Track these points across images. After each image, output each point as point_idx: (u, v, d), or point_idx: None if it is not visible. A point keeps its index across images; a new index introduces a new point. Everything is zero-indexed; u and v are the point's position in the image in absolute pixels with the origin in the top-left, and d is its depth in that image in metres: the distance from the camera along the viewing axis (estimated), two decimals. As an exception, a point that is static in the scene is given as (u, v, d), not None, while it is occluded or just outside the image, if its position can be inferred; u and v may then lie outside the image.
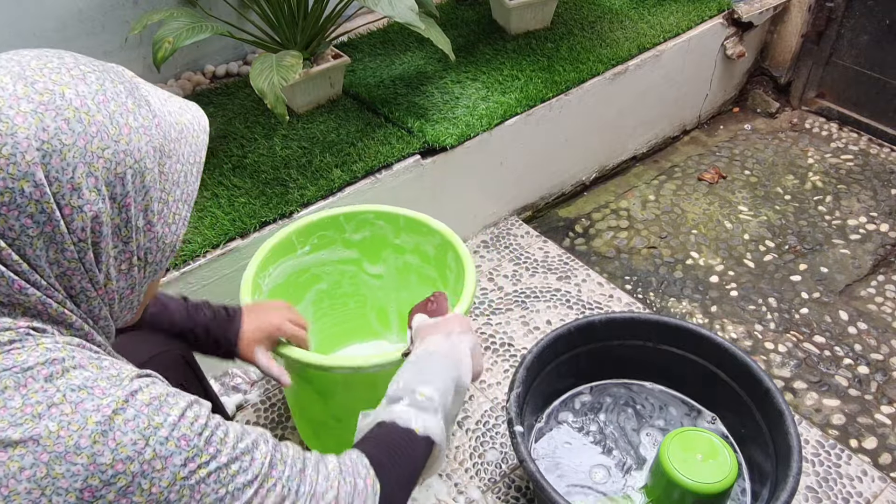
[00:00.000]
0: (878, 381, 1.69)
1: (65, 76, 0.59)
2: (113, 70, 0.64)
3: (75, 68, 0.60)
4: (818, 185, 2.27)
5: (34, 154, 0.55)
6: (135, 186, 0.62)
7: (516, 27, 2.12)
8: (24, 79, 0.57)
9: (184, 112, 0.69)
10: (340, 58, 1.83)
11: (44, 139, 0.56)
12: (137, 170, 0.61)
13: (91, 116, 0.59)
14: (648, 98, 2.22)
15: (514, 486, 1.44)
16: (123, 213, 0.62)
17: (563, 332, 1.43)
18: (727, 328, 1.82)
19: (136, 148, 0.61)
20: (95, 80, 0.61)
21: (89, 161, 0.58)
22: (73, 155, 0.57)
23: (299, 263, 1.43)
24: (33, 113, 0.56)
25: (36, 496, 0.53)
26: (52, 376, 0.56)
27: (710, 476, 1.24)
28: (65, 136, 0.57)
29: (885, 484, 1.44)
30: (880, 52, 2.33)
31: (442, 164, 1.78)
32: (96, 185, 0.59)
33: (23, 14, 1.66)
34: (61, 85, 0.58)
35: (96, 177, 0.59)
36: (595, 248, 2.07)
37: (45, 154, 0.56)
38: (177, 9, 1.64)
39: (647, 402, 1.53)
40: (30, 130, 0.55)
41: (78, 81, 0.59)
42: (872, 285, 1.93)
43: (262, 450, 0.65)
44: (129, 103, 0.62)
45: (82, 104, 0.58)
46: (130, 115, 0.61)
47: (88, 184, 0.58)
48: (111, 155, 0.59)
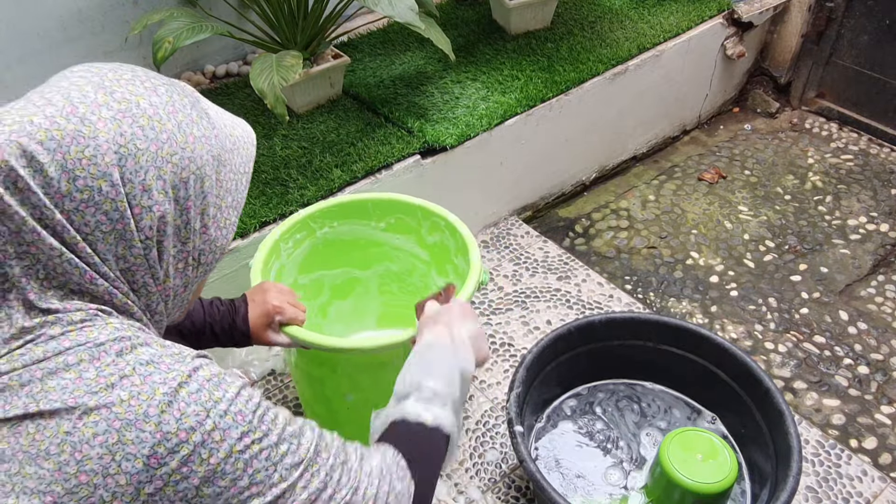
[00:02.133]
0: (878, 381, 1.69)
1: (139, 87, 0.64)
2: (178, 84, 0.69)
3: (147, 81, 0.66)
4: (818, 185, 2.27)
5: (112, 156, 0.60)
6: (195, 191, 0.67)
7: (516, 27, 2.12)
8: (104, 88, 0.62)
9: (235, 126, 0.74)
10: (340, 58, 1.83)
11: (121, 143, 0.61)
12: (199, 175, 0.67)
13: (162, 125, 0.64)
14: (648, 98, 2.22)
15: (514, 486, 1.44)
16: (185, 215, 0.66)
17: (563, 332, 1.43)
18: (727, 328, 1.82)
19: (198, 155, 0.66)
20: (165, 93, 0.66)
21: (159, 165, 0.63)
22: (146, 159, 0.62)
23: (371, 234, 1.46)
24: (112, 119, 0.61)
25: (107, 461, 0.57)
26: (122, 351, 0.61)
27: (710, 476, 1.24)
28: (139, 141, 0.62)
29: (885, 484, 1.44)
30: (880, 52, 2.33)
31: (442, 164, 1.78)
32: (164, 187, 0.64)
33: (23, 14, 1.66)
34: (137, 95, 0.64)
35: (164, 180, 0.64)
36: (595, 248, 2.07)
37: (122, 157, 0.61)
38: (177, 9, 1.64)
39: (648, 402, 1.53)
40: (109, 135, 0.60)
41: (150, 93, 0.65)
42: (872, 285, 1.93)
43: (307, 436, 0.68)
44: (194, 114, 0.67)
45: (155, 113, 0.64)
46: (195, 126, 0.67)
47: (157, 186, 0.63)
48: (178, 160, 0.65)
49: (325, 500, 0.67)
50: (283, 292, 1.16)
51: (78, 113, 0.60)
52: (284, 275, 1.41)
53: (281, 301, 1.13)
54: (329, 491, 0.67)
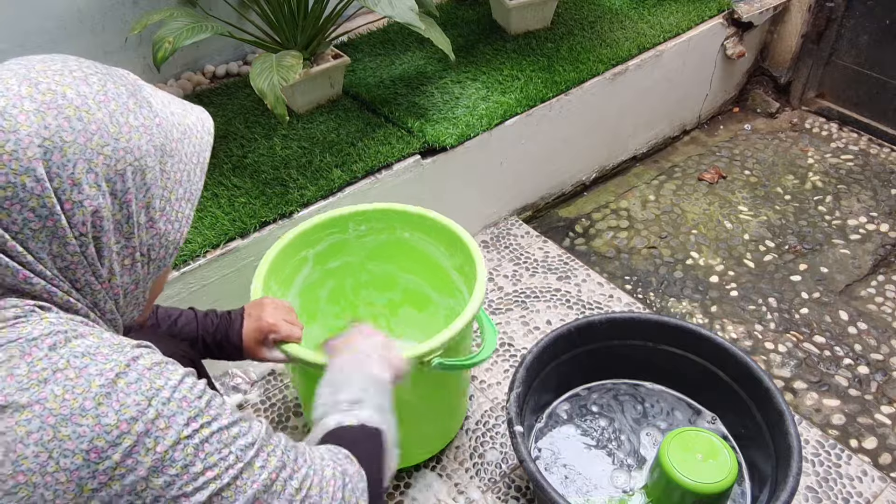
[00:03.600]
0: (878, 381, 1.69)
1: (67, 78, 0.61)
2: (117, 73, 0.66)
3: (78, 70, 0.63)
4: (818, 185, 2.27)
5: (35, 150, 0.58)
6: (135, 183, 0.63)
7: (516, 27, 2.12)
8: (29, 80, 0.60)
9: (187, 114, 0.71)
10: (340, 58, 1.83)
11: (45, 136, 0.58)
12: (138, 167, 0.63)
13: (91, 115, 0.61)
14: (648, 98, 2.22)
15: (514, 486, 1.44)
16: (125, 208, 0.63)
17: (563, 332, 1.43)
18: (727, 328, 1.82)
19: (136, 146, 0.63)
20: (97, 82, 0.63)
21: (89, 157, 0.60)
22: (74, 151, 0.59)
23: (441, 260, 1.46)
24: (36, 112, 0.58)
25: (44, 459, 0.55)
26: (55, 345, 0.59)
27: (710, 476, 1.24)
28: (65, 133, 0.59)
29: (885, 484, 1.44)
30: (880, 52, 2.33)
31: (442, 164, 1.78)
32: (96, 180, 0.61)
33: (23, 14, 1.66)
34: (63, 86, 0.61)
35: (96, 173, 0.61)
36: (595, 248, 2.07)
37: (46, 150, 0.58)
38: (177, 9, 1.63)
39: (652, 403, 1.53)
40: (32, 128, 0.58)
41: (80, 83, 0.62)
42: (872, 285, 1.93)
43: (256, 423, 0.67)
44: (131, 103, 0.64)
45: (83, 103, 0.61)
46: (131, 115, 0.64)
47: (88, 179, 0.60)
48: (111, 152, 0.61)
49: (284, 479, 0.65)
50: (280, 308, 1.14)
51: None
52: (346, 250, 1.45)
53: (276, 318, 1.11)
54: (288, 470, 0.66)
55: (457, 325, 1.17)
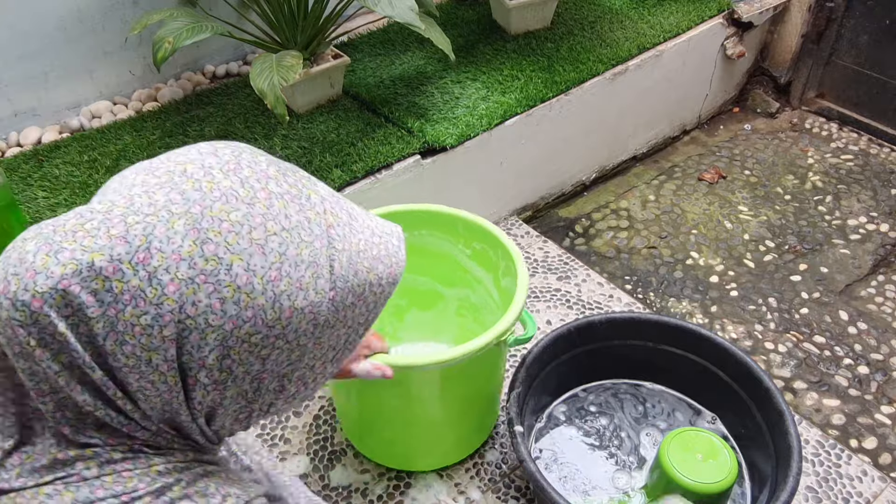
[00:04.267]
0: (878, 381, 1.69)
1: (244, 241, 0.50)
2: (312, 214, 0.54)
3: (261, 226, 0.51)
4: (818, 185, 2.27)
5: (172, 330, 0.50)
6: (277, 363, 0.54)
7: (516, 27, 2.12)
8: (199, 231, 0.50)
9: (377, 264, 0.58)
10: (340, 58, 1.83)
11: (189, 314, 0.49)
12: (286, 349, 0.54)
13: (252, 299, 0.51)
14: (648, 98, 2.22)
15: (514, 486, 1.44)
16: (254, 384, 0.55)
17: (563, 332, 1.43)
18: (727, 328, 1.82)
19: (292, 329, 0.53)
20: (277, 248, 0.52)
21: (231, 345, 0.51)
22: (216, 338, 0.51)
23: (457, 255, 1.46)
24: (189, 282, 0.49)
25: None
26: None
27: (710, 476, 1.24)
28: (213, 316, 0.50)
29: (885, 484, 1.44)
30: (880, 52, 2.33)
31: (442, 164, 1.78)
32: (231, 366, 0.52)
33: (23, 14, 1.66)
34: (234, 254, 0.50)
35: (233, 359, 0.52)
36: (595, 248, 2.07)
37: (185, 329, 0.50)
38: (177, 9, 1.63)
39: (653, 403, 1.53)
40: (177, 303, 0.49)
41: (255, 251, 0.51)
42: (872, 285, 1.93)
43: None
44: (307, 276, 0.53)
45: (247, 283, 0.50)
46: (301, 294, 0.53)
47: (222, 365, 0.52)
48: (260, 340, 0.52)
49: None
50: None
51: (150, 266, 0.48)
52: None
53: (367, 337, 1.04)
54: None
55: (520, 297, 1.21)
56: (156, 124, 1.78)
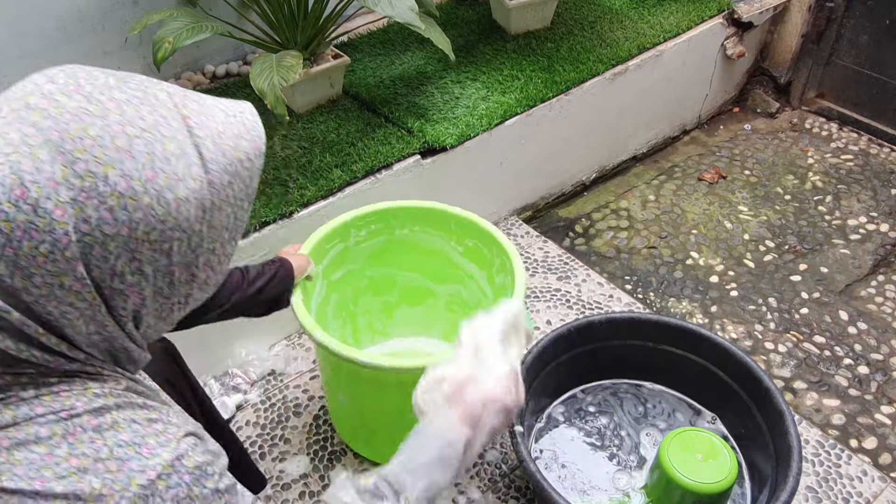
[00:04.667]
0: (878, 381, 1.69)
1: (110, 151, 0.53)
2: (165, 111, 0.57)
3: (121, 133, 0.54)
4: (818, 185, 2.27)
5: (74, 249, 0.52)
6: (181, 254, 0.58)
7: (516, 27, 2.12)
8: (63, 151, 0.52)
9: (240, 140, 0.61)
10: (340, 58, 1.83)
11: (84, 231, 0.52)
12: (184, 238, 0.57)
13: (137, 201, 0.53)
14: (648, 98, 2.22)
15: (514, 486, 1.44)
16: (166, 278, 0.59)
17: (563, 332, 1.43)
18: (727, 328, 1.82)
19: (184, 219, 0.56)
20: (143, 149, 0.54)
21: (133, 248, 0.55)
22: (116, 245, 0.54)
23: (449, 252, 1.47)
24: (73, 203, 0.51)
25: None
26: (100, 427, 0.56)
27: (710, 476, 1.24)
28: (107, 227, 0.53)
29: (885, 484, 1.44)
30: (880, 52, 2.33)
31: (442, 164, 1.78)
32: (140, 267, 0.56)
33: (23, 14, 1.66)
34: (105, 165, 0.52)
35: (140, 260, 0.55)
36: (595, 248, 2.07)
37: (85, 246, 0.53)
38: (177, 9, 1.64)
39: (654, 404, 1.53)
40: (69, 224, 0.51)
41: (124, 157, 0.53)
42: (872, 285, 1.93)
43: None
44: (180, 168, 0.56)
45: (127, 188, 0.53)
46: (181, 185, 0.56)
47: (132, 268, 0.55)
48: (158, 237, 0.55)
49: None
50: None
51: (30, 198, 0.50)
52: (348, 259, 1.42)
53: None
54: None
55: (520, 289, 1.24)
56: (156, 124, 1.77)
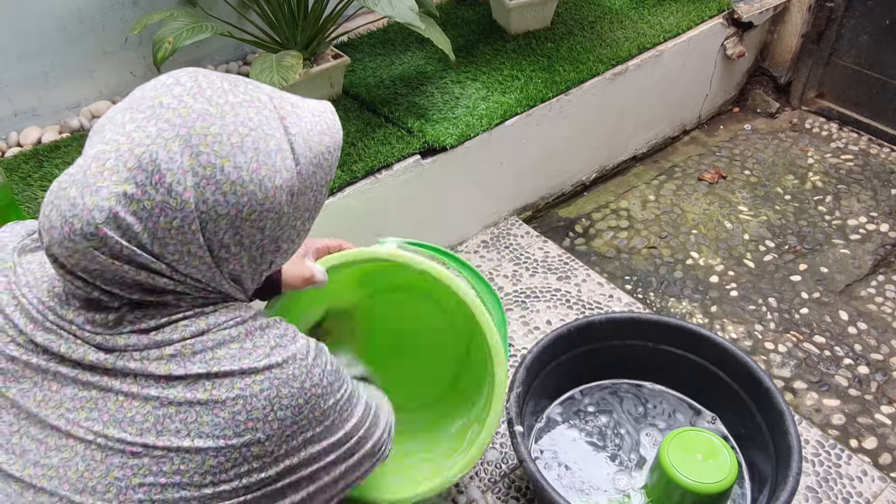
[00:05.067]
0: (878, 381, 1.69)
1: (226, 146, 0.67)
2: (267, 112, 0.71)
3: (234, 132, 0.67)
4: (818, 185, 2.27)
5: (196, 223, 0.67)
6: (271, 229, 0.73)
7: (516, 27, 2.12)
8: (191, 147, 0.65)
9: (323, 137, 0.76)
10: (340, 58, 1.83)
11: (203, 210, 0.67)
12: (275, 218, 0.72)
13: (244, 188, 0.68)
14: (648, 98, 2.22)
15: (514, 486, 1.44)
16: (258, 249, 0.73)
17: (563, 332, 1.43)
18: (727, 328, 1.82)
19: (277, 202, 0.71)
20: (251, 146, 0.68)
21: (238, 226, 0.69)
22: (226, 223, 0.68)
23: None
24: (196, 187, 0.66)
25: (267, 411, 0.71)
26: (263, 327, 0.75)
27: (710, 476, 1.24)
28: (221, 207, 0.67)
29: (885, 484, 1.44)
30: (880, 52, 2.33)
31: (442, 164, 1.78)
32: (241, 241, 0.71)
33: (23, 14, 1.66)
34: (222, 157, 0.67)
35: (241, 234, 0.70)
36: (595, 248, 2.07)
37: (204, 222, 0.67)
38: (177, 9, 1.64)
39: (655, 404, 1.53)
40: (193, 204, 0.66)
41: (237, 152, 0.67)
42: (872, 285, 1.93)
43: (359, 393, 0.86)
44: (277, 161, 0.70)
45: (238, 177, 0.67)
46: (277, 175, 0.70)
47: (235, 240, 0.70)
48: (256, 217, 0.70)
49: (369, 424, 0.86)
50: None
51: (165, 182, 0.65)
52: None
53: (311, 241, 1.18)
54: (373, 427, 0.87)
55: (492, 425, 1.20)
56: (156, 124, 1.77)
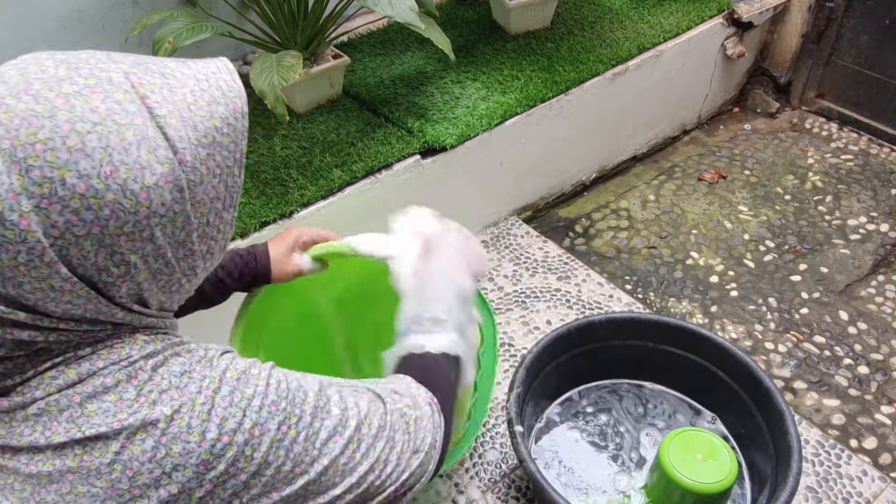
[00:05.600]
0: (878, 381, 1.69)
1: (63, 153, 0.52)
2: (120, 95, 0.55)
3: (71, 132, 0.52)
4: (818, 185, 2.27)
5: (51, 254, 0.53)
6: (166, 234, 0.58)
7: (516, 27, 2.12)
8: (18, 162, 0.51)
9: (214, 108, 0.60)
10: (340, 58, 1.83)
11: (56, 236, 0.53)
12: (164, 222, 0.57)
13: (101, 198, 0.53)
14: (648, 98, 2.22)
15: (514, 486, 1.44)
16: (160, 260, 0.59)
17: (563, 332, 1.43)
18: (727, 328, 1.82)
19: (157, 204, 0.56)
20: (98, 145, 0.53)
21: (110, 243, 0.55)
22: (92, 244, 0.54)
23: None
24: (37, 211, 0.52)
25: (158, 474, 0.58)
26: (156, 366, 0.61)
27: (710, 476, 1.24)
28: (77, 228, 0.53)
29: (885, 484, 1.44)
30: (880, 52, 2.33)
31: (442, 164, 1.78)
32: (124, 259, 0.56)
33: (23, 14, 1.66)
34: (60, 168, 0.52)
35: (122, 253, 0.56)
36: (595, 248, 2.07)
37: (61, 249, 0.54)
38: (177, 9, 1.64)
39: (655, 404, 1.53)
40: (38, 232, 0.52)
41: (79, 157, 0.52)
42: (872, 285, 1.93)
43: (334, 401, 0.69)
44: (142, 155, 0.54)
45: (87, 188, 0.53)
46: (146, 173, 0.55)
47: (114, 261, 0.56)
48: (132, 228, 0.55)
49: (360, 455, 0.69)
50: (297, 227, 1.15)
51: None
52: None
53: (299, 230, 1.13)
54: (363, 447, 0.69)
55: None
56: (156, 124, 1.77)
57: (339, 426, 0.67)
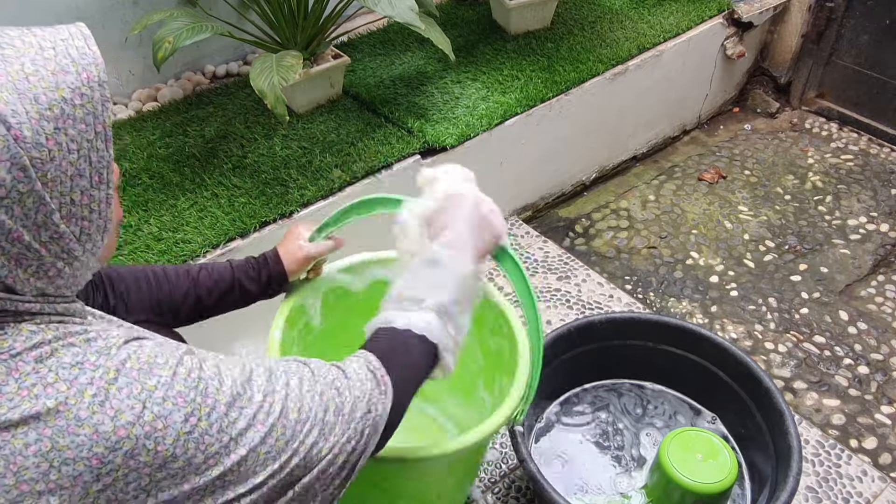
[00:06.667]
0: (878, 381, 1.69)
1: None
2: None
3: None
4: (818, 185, 2.27)
5: None
6: (16, 218, 0.55)
7: (516, 27, 2.12)
8: None
9: (62, 77, 0.56)
10: (340, 58, 1.83)
11: None
12: (11, 203, 0.54)
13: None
14: (648, 98, 2.22)
15: (514, 486, 1.44)
16: (17, 244, 0.56)
17: (563, 332, 1.43)
18: (727, 328, 1.82)
19: (4, 192, 0.53)
20: None
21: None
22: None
23: None
24: None
25: (45, 468, 0.55)
26: (41, 357, 0.57)
27: (710, 476, 1.24)
28: None
29: (885, 484, 1.44)
30: (880, 52, 2.33)
31: (442, 164, 1.77)
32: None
33: (23, 13, 1.66)
34: None
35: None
36: (595, 248, 2.07)
37: None
38: (177, 9, 1.64)
39: (656, 405, 1.53)
40: None
41: None
42: (872, 285, 1.93)
43: (256, 384, 0.65)
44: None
45: None
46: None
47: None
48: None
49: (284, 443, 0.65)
50: None
51: None
52: None
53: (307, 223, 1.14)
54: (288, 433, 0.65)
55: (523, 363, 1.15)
56: (156, 124, 1.78)
57: (261, 413, 0.63)
